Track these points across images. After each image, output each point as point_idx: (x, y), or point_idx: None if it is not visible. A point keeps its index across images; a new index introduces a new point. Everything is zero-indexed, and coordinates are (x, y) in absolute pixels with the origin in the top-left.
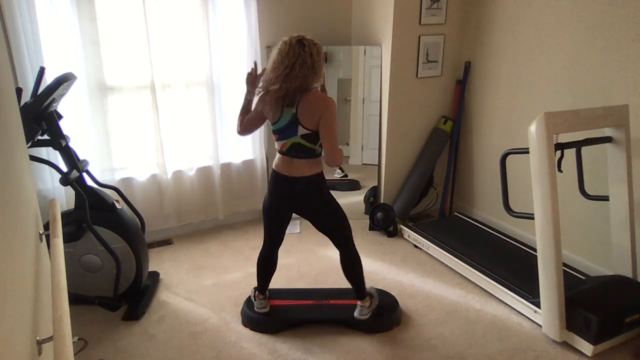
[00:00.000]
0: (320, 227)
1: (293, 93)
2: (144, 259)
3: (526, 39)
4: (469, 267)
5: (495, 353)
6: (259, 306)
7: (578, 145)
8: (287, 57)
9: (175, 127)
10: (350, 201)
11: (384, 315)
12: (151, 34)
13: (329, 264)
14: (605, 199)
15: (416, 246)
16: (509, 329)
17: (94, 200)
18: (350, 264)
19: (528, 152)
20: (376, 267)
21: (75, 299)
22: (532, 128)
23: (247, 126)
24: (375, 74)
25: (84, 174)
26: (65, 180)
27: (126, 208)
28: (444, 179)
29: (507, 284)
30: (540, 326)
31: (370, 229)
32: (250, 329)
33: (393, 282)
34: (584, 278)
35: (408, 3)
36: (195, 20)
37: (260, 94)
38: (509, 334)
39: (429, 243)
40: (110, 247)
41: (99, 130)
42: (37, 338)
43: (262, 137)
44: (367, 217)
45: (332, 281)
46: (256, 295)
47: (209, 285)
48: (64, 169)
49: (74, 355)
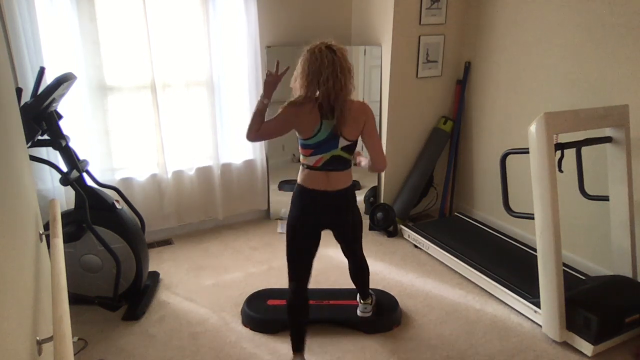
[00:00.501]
0: (347, 238)
1: (333, 103)
2: (144, 259)
3: (526, 39)
4: (469, 267)
5: (495, 353)
6: None
7: (578, 145)
8: (323, 66)
9: (176, 127)
10: None
11: (384, 315)
12: (151, 33)
13: (328, 263)
14: (605, 199)
15: (416, 246)
16: (509, 329)
17: (94, 200)
18: (364, 270)
19: (528, 152)
20: (376, 267)
21: (75, 299)
22: (532, 128)
23: (264, 134)
24: (375, 74)
25: (84, 174)
26: (65, 180)
27: (126, 208)
28: (444, 179)
29: (507, 284)
30: (540, 326)
31: (370, 229)
32: (250, 329)
33: (393, 282)
34: (584, 278)
35: (408, 3)
36: (196, 20)
37: (285, 106)
38: (509, 334)
39: (429, 243)
40: (110, 247)
41: (99, 130)
42: (37, 338)
43: None
44: (367, 217)
45: (332, 281)
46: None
47: (209, 285)
48: (64, 169)
49: (74, 355)
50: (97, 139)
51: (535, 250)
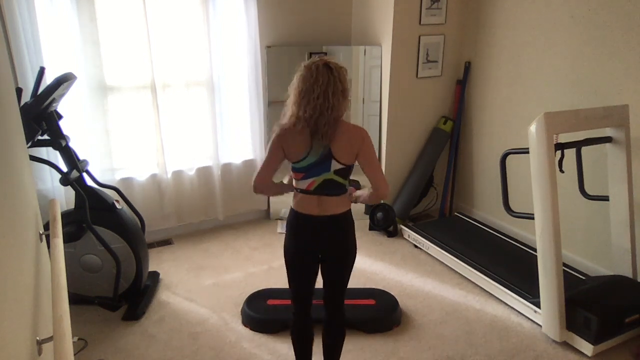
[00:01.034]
0: (334, 272)
1: (324, 125)
2: (144, 259)
3: (526, 39)
4: (469, 267)
5: (495, 353)
6: None
7: (578, 145)
8: (317, 84)
9: (176, 127)
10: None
11: (384, 315)
12: (151, 33)
13: None
14: (605, 199)
15: (416, 246)
16: (509, 329)
17: (94, 200)
18: (341, 332)
19: (528, 152)
20: (376, 267)
21: (75, 299)
22: (532, 128)
23: (264, 180)
24: (375, 74)
25: (84, 174)
26: (65, 180)
27: (126, 208)
28: (444, 179)
29: (507, 284)
30: (540, 326)
31: (370, 229)
32: (250, 329)
33: (393, 282)
34: (584, 278)
35: (408, 3)
36: (196, 21)
37: (277, 133)
38: (509, 334)
39: (429, 243)
40: (110, 247)
41: (99, 130)
42: (37, 338)
43: (262, 137)
44: (367, 217)
45: None
46: None
47: (209, 285)
48: (64, 169)
49: (74, 355)
50: (97, 139)
51: (535, 250)
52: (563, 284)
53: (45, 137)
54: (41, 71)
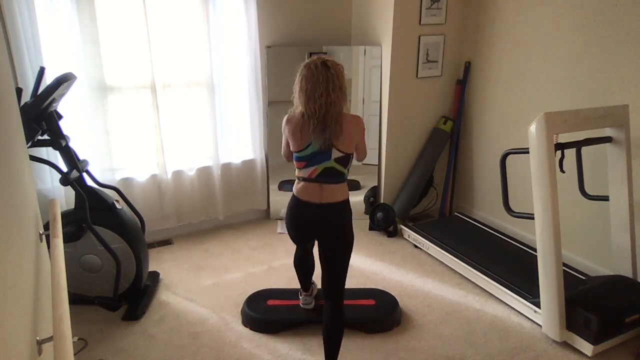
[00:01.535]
0: (332, 258)
1: (330, 121)
2: (144, 259)
3: (526, 39)
4: (469, 267)
5: (495, 353)
6: (304, 302)
7: (578, 145)
8: (318, 82)
9: (176, 127)
10: (350, 201)
11: (384, 315)
12: (151, 34)
13: None
14: (605, 199)
15: (416, 246)
16: (509, 329)
17: (94, 200)
18: (340, 321)
19: (528, 152)
20: (376, 267)
21: (75, 299)
22: (532, 128)
23: (289, 153)
24: (375, 74)
25: (84, 174)
26: (65, 180)
27: (126, 208)
28: (444, 179)
29: (507, 284)
30: (540, 326)
31: (370, 229)
32: (250, 329)
33: (393, 282)
34: (584, 278)
35: (408, 3)
36: (196, 21)
37: (286, 118)
38: (509, 334)
39: (429, 243)
40: (110, 247)
41: (99, 130)
42: (37, 338)
43: (262, 137)
44: (367, 217)
45: None
46: (300, 292)
47: (209, 285)
48: (64, 169)
49: (74, 355)
50: (97, 139)
51: (535, 250)
52: (563, 284)
53: (45, 137)
54: (41, 71)
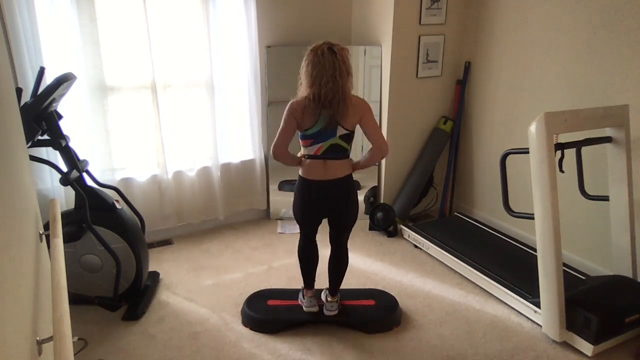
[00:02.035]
0: (337, 223)
1: (337, 104)
2: (144, 259)
3: (526, 39)
4: (469, 267)
5: (495, 353)
6: (307, 304)
7: (578, 145)
8: (324, 68)
9: (176, 128)
10: None
11: (384, 315)
12: (152, 34)
13: None
14: (605, 199)
15: (416, 246)
16: (509, 329)
17: (94, 200)
18: (343, 261)
19: (528, 152)
20: (376, 267)
21: (75, 299)
22: (532, 128)
23: (282, 143)
24: (375, 74)
25: (84, 174)
26: (65, 180)
27: (126, 208)
28: (444, 179)
29: (507, 284)
30: (540, 326)
31: (370, 229)
32: (250, 329)
33: (393, 282)
34: (584, 278)
35: (408, 3)
36: (196, 21)
37: (290, 106)
38: (509, 334)
39: (429, 243)
40: (110, 247)
41: (99, 130)
42: (37, 338)
43: (262, 137)
44: (367, 217)
45: None
46: (304, 292)
47: (209, 285)
48: (64, 169)
49: (74, 355)
50: (97, 139)
51: (535, 250)
52: (563, 284)
53: (45, 137)
54: (41, 71)
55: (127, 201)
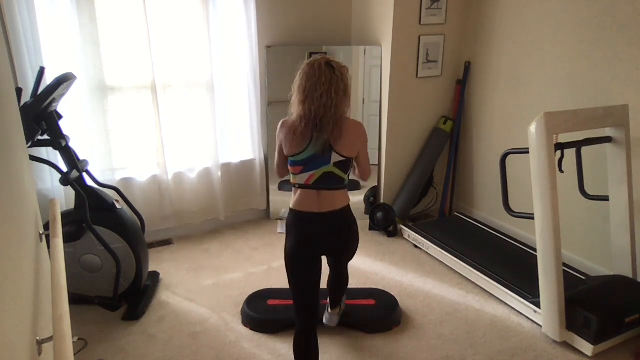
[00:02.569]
0: (338, 260)
1: (328, 124)
2: (144, 259)
3: (526, 39)
4: (469, 267)
5: (495, 353)
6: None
7: (578, 145)
8: (319, 82)
9: (176, 128)
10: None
11: (384, 315)
12: (152, 34)
13: None
14: (605, 199)
15: (416, 246)
16: (509, 329)
17: (94, 200)
18: (343, 281)
19: (528, 152)
20: (376, 267)
21: (75, 299)
22: (532, 128)
23: (282, 166)
24: (375, 74)
25: (84, 174)
26: (65, 180)
27: (126, 208)
28: (444, 179)
29: (507, 284)
30: (540, 326)
31: (370, 229)
32: (250, 329)
33: (393, 282)
34: (584, 278)
35: (408, 3)
36: (196, 21)
37: (279, 126)
38: (509, 334)
39: (429, 243)
40: (110, 247)
41: (99, 130)
42: (37, 338)
43: (262, 137)
44: (367, 217)
45: None
46: None
47: (209, 285)
48: (64, 169)
49: (74, 355)
50: (97, 139)
51: (535, 250)
52: (563, 284)
53: (45, 137)
54: (41, 71)
55: (127, 201)
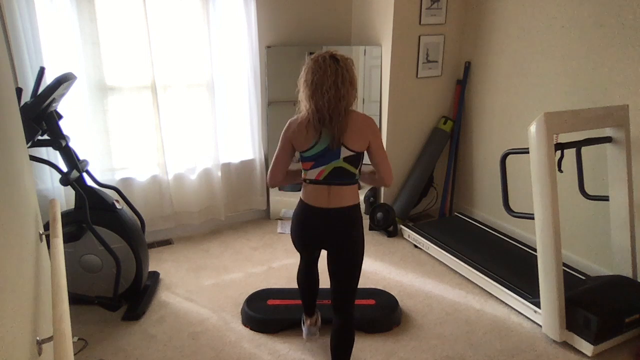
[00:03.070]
0: (341, 267)
1: (338, 116)
2: (144, 259)
3: (526, 39)
4: (469, 267)
5: (495, 353)
6: (308, 333)
7: (578, 145)
8: (326, 75)
9: (176, 128)
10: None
11: (384, 315)
12: (152, 34)
13: None
14: (605, 199)
15: (416, 246)
16: (509, 329)
17: (94, 200)
18: (349, 337)
19: (528, 152)
20: (376, 267)
21: (75, 299)
22: (532, 128)
23: (278, 170)
24: (375, 74)
25: (84, 174)
26: (65, 180)
27: (126, 208)
28: (444, 179)
29: (507, 284)
30: (540, 326)
31: (370, 229)
32: (250, 329)
33: (393, 282)
34: (584, 278)
35: (408, 3)
36: (196, 21)
37: (286, 127)
38: (509, 334)
39: (429, 243)
40: (110, 247)
41: (99, 130)
42: (37, 338)
43: (262, 137)
44: (367, 217)
45: None
46: (304, 319)
47: (209, 285)
48: (64, 169)
49: (74, 355)
50: (97, 139)
51: (535, 250)
52: (563, 284)
53: (45, 137)
54: (41, 71)
55: (127, 201)
